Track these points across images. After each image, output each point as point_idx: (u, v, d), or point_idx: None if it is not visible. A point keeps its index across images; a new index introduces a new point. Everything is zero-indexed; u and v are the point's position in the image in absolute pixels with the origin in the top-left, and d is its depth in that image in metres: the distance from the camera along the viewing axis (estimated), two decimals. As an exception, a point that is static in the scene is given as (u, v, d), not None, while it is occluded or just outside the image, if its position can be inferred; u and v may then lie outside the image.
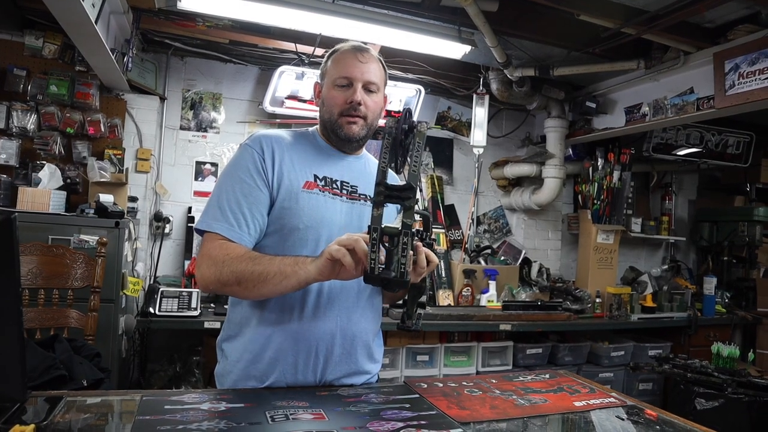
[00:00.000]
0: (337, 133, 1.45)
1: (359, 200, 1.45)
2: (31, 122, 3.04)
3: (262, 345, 1.36)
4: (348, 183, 1.46)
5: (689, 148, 4.35)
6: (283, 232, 1.36)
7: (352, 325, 1.41)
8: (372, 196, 1.42)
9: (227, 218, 1.32)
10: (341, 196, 1.43)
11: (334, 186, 1.43)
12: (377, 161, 1.58)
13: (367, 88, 1.43)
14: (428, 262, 1.26)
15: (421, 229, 1.31)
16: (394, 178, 1.49)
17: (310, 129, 1.54)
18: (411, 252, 1.15)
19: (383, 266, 1.11)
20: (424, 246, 1.27)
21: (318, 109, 1.51)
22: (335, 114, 1.43)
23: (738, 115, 3.46)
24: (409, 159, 1.14)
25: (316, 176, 1.41)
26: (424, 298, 1.37)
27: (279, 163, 1.38)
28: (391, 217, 1.42)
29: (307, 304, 1.36)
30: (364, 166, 1.53)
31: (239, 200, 1.33)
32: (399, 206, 1.17)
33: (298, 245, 1.35)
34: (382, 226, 1.10)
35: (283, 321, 1.36)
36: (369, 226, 1.11)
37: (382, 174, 1.13)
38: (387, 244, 1.11)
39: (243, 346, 1.39)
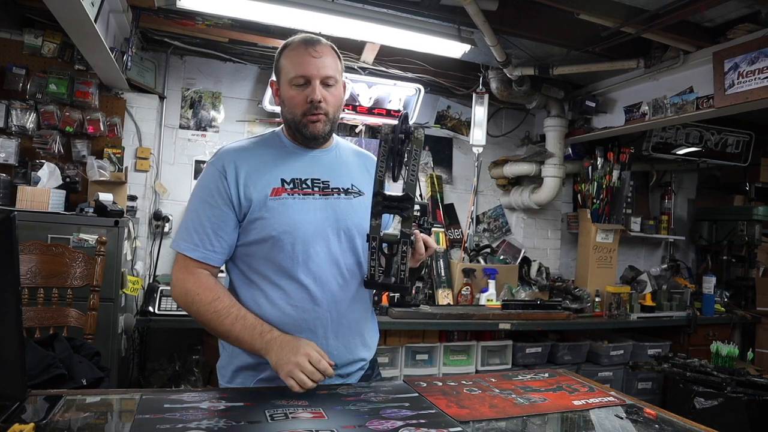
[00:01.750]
0: (302, 132, 1.45)
1: (333, 194, 1.46)
2: (30, 121, 3.03)
3: None
4: (319, 180, 1.46)
5: (689, 147, 4.35)
6: (261, 241, 1.40)
7: (342, 317, 1.44)
8: (345, 187, 1.46)
9: (192, 239, 1.39)
10: (313, 194, 1.44)
11: (305, 186, 1.44)
12: (351, 147, 1.61)
13: (325, 83, 1.42)
14: (426, 247, 1.32)
15: (418, 215, 1.34)
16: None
17: (276, 129, 1.55)
18: (411, 252, 1.17)
19: (383, 272, 1.13)
20: (422, 232, 1.30)
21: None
22: (298, 114, 1.43)
23: (737, 114, 3.46)
24: (405, 168, 1.14)
25: (283, 180, 1.42)
26: (423, 272, 1.43)
27: (244, 178, 1.40)
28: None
29: (296, 302, 1.39)
30: (334, 158, 1.53)
31: (203, 221, 1.39)
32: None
33: (277, 250, 1.39)
34: (381, 234, 1.11)
35: (276, 319, 1.38)
36: (368, 235, 1.12)
37: (379, 184, 1.13)
38: (386, 252, 1.13)
39: None
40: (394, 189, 1.19)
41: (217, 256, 1.40)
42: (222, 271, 1.48)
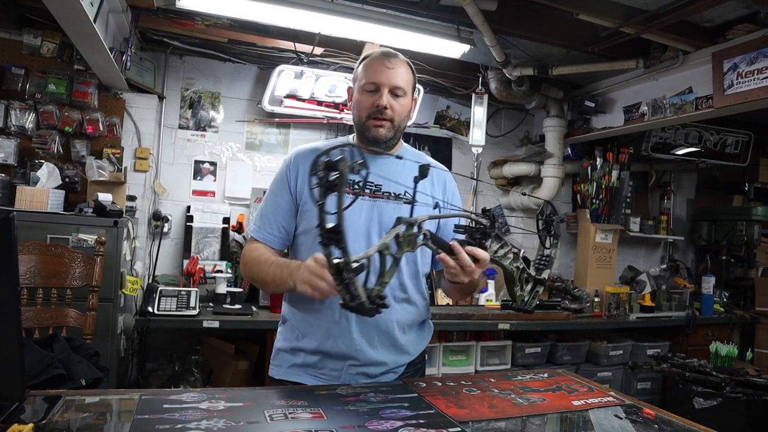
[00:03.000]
0: (365, 134, 1.55)
1: (382, 198, 1.54)
2: (29, 121, 3.03)
3: (295, 325, 1.58)
4: (372, 183, 1.55)
5: (688, 147, 4.35)
6: (306, 232, 1.55)
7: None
8: (397, 192, 1.55)
9: (257, 222, 1.61)
10: (363, 196, 1.52)
11: (355, 187, 1.50)
12: (420, 157, 1.69)
13: (394, 92, 1.52)
14: (476, 260, 1.29)
15: (470, 225, 1.33)
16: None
17: (349, 136, 1.68)
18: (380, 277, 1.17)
19: (350, 297, 1.13)
20: (475, 243, 1.30)
21: (351, 112, 1.61)
22: (363, 117, 1.53)
23: (736, 115, 3.46)
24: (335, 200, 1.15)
25: None
26: (546, 274, 1.45)
27: (303, 174, 1.55)
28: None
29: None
30: (395, 165, 1.58)
31: (267, 208, 1.60)
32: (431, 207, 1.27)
33: (317, 242, 1.43)
34: (335, 261, 1.11)
35: (308, 304, 1.52)
36: (328, 261, 1.12)
37: (320, 218, 1.13)
38: (344, 278, 1.12)
39: (285, 328, 1.62)
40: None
41: (275, 239, 1.58)
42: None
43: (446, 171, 1.72)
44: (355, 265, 1.12)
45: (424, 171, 1.27)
